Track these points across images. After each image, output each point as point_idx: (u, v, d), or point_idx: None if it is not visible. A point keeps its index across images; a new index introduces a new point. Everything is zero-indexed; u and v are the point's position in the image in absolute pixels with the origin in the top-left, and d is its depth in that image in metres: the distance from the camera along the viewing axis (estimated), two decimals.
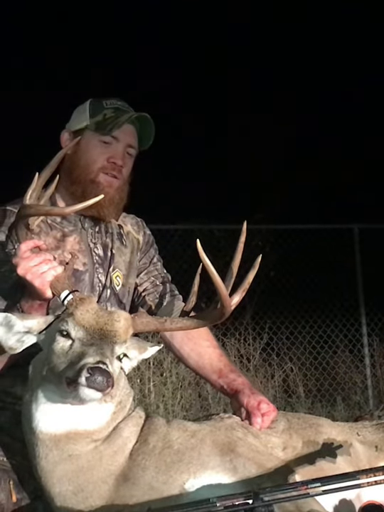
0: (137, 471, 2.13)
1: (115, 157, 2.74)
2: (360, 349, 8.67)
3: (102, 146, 2.75)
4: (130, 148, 2.81)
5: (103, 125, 2.75)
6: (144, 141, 2.88)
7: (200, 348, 2.79)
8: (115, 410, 2.21)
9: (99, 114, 2.77)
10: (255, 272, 2.27)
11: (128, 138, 2.80)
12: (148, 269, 2.95)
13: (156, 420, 2.32)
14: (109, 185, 2.72)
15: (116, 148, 2.76)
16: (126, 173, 2.82)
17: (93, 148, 2.75)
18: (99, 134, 2.75)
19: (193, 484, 2.11)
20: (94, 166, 2.72)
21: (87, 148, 2.75)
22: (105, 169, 2.73)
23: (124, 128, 2.77)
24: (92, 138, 2.76)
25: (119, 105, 2.81)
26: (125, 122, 2.75)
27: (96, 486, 2.11)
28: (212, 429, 2.32)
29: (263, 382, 7.68)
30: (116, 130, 2.74)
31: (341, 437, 2.44)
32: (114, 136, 2.75)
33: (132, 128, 2.82)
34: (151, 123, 2.83)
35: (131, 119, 2.78)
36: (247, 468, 2.16)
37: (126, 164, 2.80)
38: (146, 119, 2.81)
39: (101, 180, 2.72)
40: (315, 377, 8.32)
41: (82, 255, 2.72)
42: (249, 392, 2.54)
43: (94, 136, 2.76)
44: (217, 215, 9.81)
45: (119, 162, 2.75)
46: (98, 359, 1.96)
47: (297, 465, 2.28)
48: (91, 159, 2.73)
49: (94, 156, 2.74)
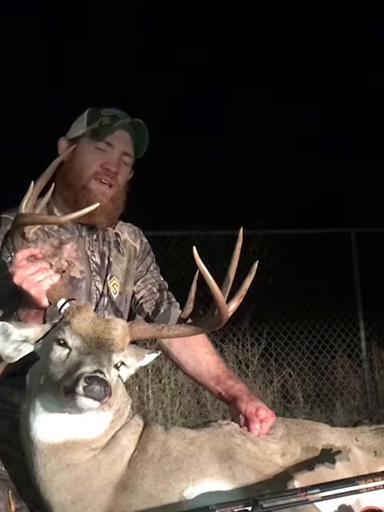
0: (136, 480, 2.13)
1: (109, 163, 2.74)
2: (358, 354, 8.67)
3: (96, 152, 2.75)
4: (126, 156, 2.81)
5: (98, 131, 2.75)
6: (139, 148, 2.88)
7: (198, 354, 2.78)
8: (113, 419, 2.21)
9: (96, 121, 2.78)
10: (252, 278, 2.27)
11: (123, 145, 2.79)
12: (145, 277, 2.95)
13: (155, 428, 2.32)
14: (102, 194, 2.72)
15: (111, 154, 2.76)
16: (122, 181, 2.81)
17: (87, 154, 2.75)
18: (94, 140, 2.75)
19: (192, 492, 2.11)
20: (87, 172, 2.72)
21: (82, 154, 2.75)
22: (98, 175, 2.72)
23: (119, 135, 2.77)
24: (87, 144, 2.77)
25: (116, 113, 2.81)
26: (118, 128, 2.75)
27: (95, 495, 2.10)
28: (211, 436, 2.31)
29: (262, 387, 7.67)
30: (110, 135, 2.74)
31: (340, 443, 2.44)
32: (109, 142, 2.75)
33: (128, 136, 2.82)
34: (145, 129, 2.83)
35: (125, 126, 2.78)
36: (246, 475, 2.16)
37: (121, 172, 2.79)
38: (141, 125, 2.82)
39: (93, 188, 2.71)
40: (313, 383, 8.31)
41: (79, 263, 2.71)
42: (247, 398, 2.54)
43: (90, 142, 2.76)
44: (214, 220, 9.82)
45: (113, 169, 2.74)
46: (95, 368, 1.96)
47: (296, 471, 2.27)
48: (85, 165, 2.73)
49: (88, 161, 2.74)
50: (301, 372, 8.26)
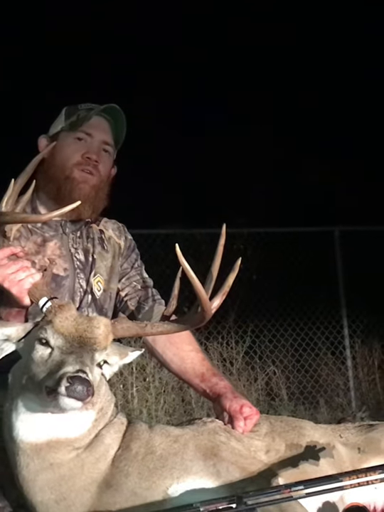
0: (120, 478, 2.12)
1: (89, 152, 2.75)
2: (342, 351, 8.70)
3: (76, 143, 2.76)
4: (106, 145, 2.82)
5: (76, 123, 2.77)
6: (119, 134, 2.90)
7: (183, 352, 2.78)
8: (96, 417, 2.20)
9: (74, 115, 2.81)
10: (235, 275, 2.27)
11: (102, 134, 2.81)
12: (129, 274, 2.94)
13: (139, 426, 2.31)
14: (84, 181, 2.72)
15: (91, 143, 2.77)
16: (104, 171, 2.81)
17: (68, 146, 2.76)
18: (73, 131, 2.77)
19: (176, 489, 2.10)
20: (69, 163, 2.73)
21: (62, 147, 2.76)
22: (80, 165, 2.73)
23: (96, 124, 2.79)
24: (67, 137, 2.78)
25: (93, 106, 2.84)
26: (94, 114, 2.77)
27: (78, 494, 2.09)
28: (195, 434, 2.31)
29: (246, 385, 7.69)
30: (87, 124, 2.76)
31: (324, 440, 2.44)
32: (87, 132, 2.77)
33: (106, 124, 2.84)
34: (122, 114, 2.85)
35: (103, 115, 2.80)
36: (231, 472, 2.16)
37: (102, 161, 2.80)
38: (116, 110, 2.83)
39: (76, 176, 2.71)
40: (298, 380, 8.34)
41: (62, 260, 2.70)
42: (231, 395, 2.53)
43: (69, 134, 2.78)
44: (198, 219, 9.83)
45: (94, 157, 2.75)
46: (78, 368, 1.95)
47: (280, 468, 2.27)
48: (66, 157, 2.74)
49: (68, 153, 2.74)
50: (285, 370, 8.29)
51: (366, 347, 8.56)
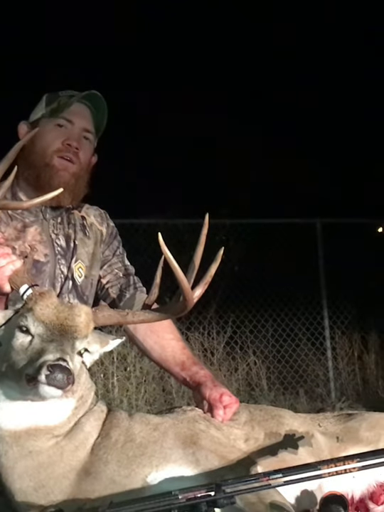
0: (99, 466, 2.12)
1: (70, 139, 2.73)
2: (322, 342, 8.76)
3: (56, 129, 2.75)
4: (86, 133, 2.81)
5: (57, 110, 2.75)
6: (100, 121, 2.88)
7: (163, 340, 2.78)
8: (76, 405, 2.20)
9: (54, 102, 2.79)
10: (217, 265, 2.27)
11: (83, 121, 2.80)
12: (111, 262, 2.93)
13: (118, 414, 2.31)
14: (64, 169, 2.70)
15: (72, 130, 2.76)
16: (84, 158, 2.80)
17: (48, 132, 2.74)
18: (54, 118, 2.75)
19: (155, 477, 2.11)
20: (49, 150, 2.71)
21: (43, 133, 2.73)
22: (60, 152, 2.71)
23: (77, 111, 2.77)
24: (47, 124, 2.76)
25: (74, 93, 2.82)
26: (75, 101, 2.76)
27: (57, 481, 2.09)
28: (175, 422, 2.31)
29: (227, 375, 7.72)
30: (67, 110, 2.74)
31: (303, 428, 2.46)
32: (67, 119, 2.75)
33: (87, 112, 2.82)
34: (103, 101, 2.83)
35: (84, 103, 2.79)
36: (210, 460, 2.17)
37: (83, 148, 2.78)
38: (98, 97, 2.81)
39: (56, 164, 2.70)
40: (278, 370, 8.39)
41: (43, 246, 2.68)
42: (211, 384, 2.54)
43: (49, 121, 2.76)
44: (181, 209, 9.82)
45: (74, 144, 2.73)
46: (58, 356, 1.94)
47: (259, 456, 2.28)
48: (46, 143, 2.72)
49: (49, 139, 2.72)
50: (266, 361, 8.32)
51: (346, 338, 8.61)
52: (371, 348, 8.54)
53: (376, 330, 8.71)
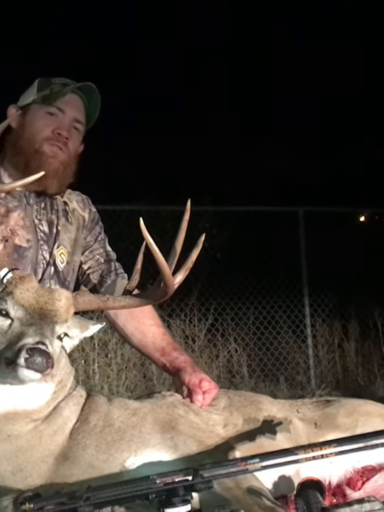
0: (77, 450, 2.12)
1: (60, 128, 2.71)
2: (303, 330, 8.80)
3: (47, 117, 2.72)
4: (77, 123, 2.78)
5: (49, 97, 2.72)
6: (91, 115, 2.86)
7: (144, 326, 2.78)
8: (55, 390, 2.19)
9: (47, 88, 2.75)
10: (199, 251, 2.27)
11: (75, 111, 2.77)
12: (93, 247, 2.92)
13: (98, 399, 2.31)
14: (54, 156, 2.68)
15: (63, 119, 2.73)
16: (73, 148, 2.78)
17: (39, 119, 2.71)
18: (45, 105, 2.72)
19: (133, 462, 2.11)
20: (38, 137, 2.68)
21: (33, 119, 2.71)
22: (50, 140, 2.69)
23: (70, 100, 2.75)
24: (38, 110, 2.73)
25: (67, 81, 2.79)
26: (69, 91, 2.73)
27: (35, 465, 2.08)
28: (154, 407, 2.32)
29: (208, 362, 7.74)
30: (61, 100, 2.71)
31: (281, 414, 2.47)
32: (60, 108, 2.72)
33: (79, 102, 2.79)
34: (97, 93, 2.81)
35: (77, 92, 2.76)
36: (188, 445, 2.17)
37: (73, 138, 2.76)
38: (92, 89, 2.79)
39: (46, 151, 2.67)
40: (259, 358, 8.42)
41: (26, 231, 2.67)
42: (191, 370, 2.55)
43: (41, 108, 2.73)
44: (164, 196, 9.80)
45: (65, 133, 2.71)
46: (37, 339, 1.93)
47: (238, 442, 2.30)
48: (36, 130, 2.69)
49: (39, 126, 2.70)
50: (247, 348, 8.35)
51: (327, 326, 8.66)
52: (351, 336, 8.59)
53: (356, 318, 8.77)
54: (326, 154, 14.27)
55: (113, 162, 12.96)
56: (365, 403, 2.65)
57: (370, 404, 2.63)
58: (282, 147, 14.25)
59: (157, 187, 11.96)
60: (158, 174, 13.27)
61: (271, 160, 14.01)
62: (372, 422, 2.47)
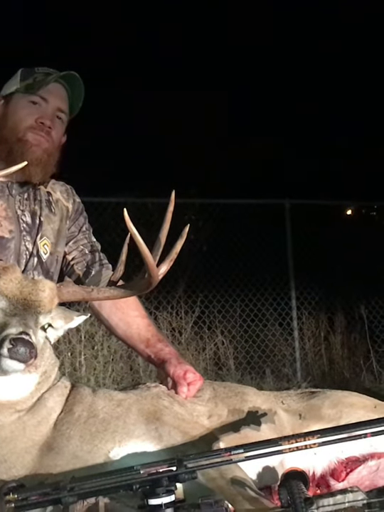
0: (61, 441, 2.11)
1: (44, 117, 2.69)
2: (289, 322, 8.84)
3: (30, 106, 2.70)
4: (60, 113, 2.76)
5: (32, 86, 2.70)
6: (74, 104, 2.85)
7: (129, 317, 2.77)
8: (39, 380, 2.19)
9: (30, 77, 2.73)
10: (183, 242, 2.26)
11: (58, 100, 2.75)
12: (77, 238, 2.90)
13: (82, 390, 2.31)
14: (37, 144, 2.66)
15: (46, 109, 2.71)
16: (56, 137, 2.76)
17: (21, 108, 2.69)
18: (28, 94, 2.70)
19: (117, 453, 2.11)
20: (21, 125, 2.66)
21: (16, 109, 2.69)
22: (33, 129, 2.67)
23: (53, 89, 2.73)
24: (21, 99, 2.71)
25: (50, 71, 2.77)
26: (52, 80, 2.71)
27: (19, 456, 2.08)
28: (139, 398, 2.32)
29: (194, 355, 7.75)
30: (44, 88, 2.69)
31: (266, 405, 2.48)
32: (43, 97, 2.70)
33: (63, 92, 2.78)
34: (81, 82, 2.79)
35: (60, 82, 2.74)
36: (173, 436, 2.17)
37: (56, 127, 2.75)
38: (75, 78, 2.77)
39: (29, 139, 2.65)
40: (245, 350, 8.45)
41: (8, 222, 2.65)
42: (175, 361, 2.55)
43: (24, 97, 2.71)
44: (150, 188, 9.78)
45: (48, 123, 2.69)
46: (21, 330, 1.93)
47: (222, 433, 2.30)
48: (19, 119, 2.67)
49: (22, 115, 2.68)
50: (233, 340, 8.37)
51: (313, 319, 8.69)
52: (337, 329, 8.63)
53: (342, 311, 8.81)
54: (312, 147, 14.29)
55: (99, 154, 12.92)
56: (349, 395, 2.65)
57: (355, 396, 2.64)
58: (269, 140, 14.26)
59: (143, 179, 11.94)
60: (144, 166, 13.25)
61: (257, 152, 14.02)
62: (356, 414, 2.48)
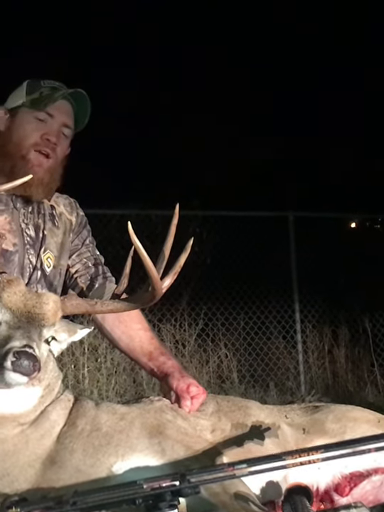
0: (64, 455, 2.11)
1: (49, 134, 2.69)
2: (293, 335, 8.80)
3: (36, 122, 2.70)
4: (65, 128, 2.77)
5: (38, 102, 2.70)
6: (80, 119, 2.85)
7: (131, 330, 2.77)
8: (43, 394, 2.18)
9: (36, 91, 2.73)
10: (187, 255, 2.27)
11: (64, 116, 2.75)
12: (80, 251, 2.91)
13: (85, 403, 2.30)
14: (39, 165, 2.67)
15: (51, 125, 2.71)
16: (60, 154, 2.77)
17: (27, 124, 2.70)
18: (34, 110, 2.70)
19: (120, 467, 2.09)
20: (26, 142, 2.67)
21: (21, 124, 2.70)
22: (38, 146, 2.67)
23: (59, 106, 2.73)
24: (27, 114, 2.71)
25: (56, 85, 2.77)
26: (59, 98, 2.71)
27: (22, 469, 2.07)
28: (142, 412, 2.31)
29: (198, 367, 7.73)
30: (51, 105, 2.69)
31: (270, 420, 2.46)
32: (49, 113, 2.70)
33: (69, 107, 2.78)
34: (87, 100, 2.80)
35: (66, 97, 2.75)
36: (176, 450, 2.16)
37: (61, 144, 2.75)
38: (82, 95, 2.77)
39: (31, 158, 2.66)
40: (249, 363, 8.42)
41: (12, 236, 2.66)
42: (178, 375, 2.55)
43: (29, 112, 2.71)
44: (154, 201, 9.81)
45: (53, 139, 2.70)
46: (25, 343, 1.93)
47: (225, 447, 2.29)
48: (24, 135, 2.68)
49: (27, 131, 2.68)
50: (237, 353, 8.35)
51: (317, 332, 8.67)
52: (341, 342, 8.61)
53: (346, 324, 8.78)
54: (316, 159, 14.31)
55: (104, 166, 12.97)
56: (353, 409, 2.64)
57: (359, 410, 2.63)
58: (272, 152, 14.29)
59: (147, 191, 11.97)
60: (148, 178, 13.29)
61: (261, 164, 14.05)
62: (360, 428, 2.47)
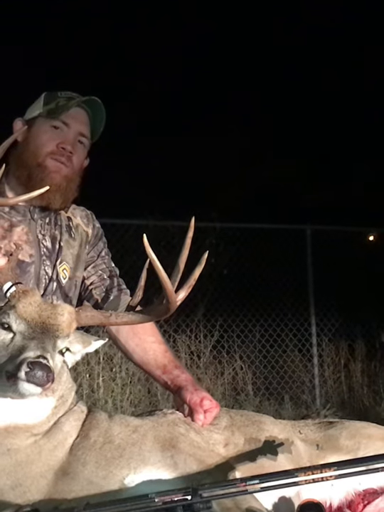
0: (77, 466, 2.11)
1: (65, 143, 2.71)
2: (309, 349, 8.76)
3: (52, 131, 2.72)
4: (82, 137, 2.79)
5: (54, 111, 2.73)
6: (96, 129, 2.87)
7: (145, 343, 2.77)
8: (56, 405, 2.19)
9: (53, 102, 2.76)
10: (201, 268, 2.26)
11: (79, 125, 2.78)
12: (96, 263, 2.92)
13: (98, 415, 2.30)
14: (56, 171, 2.68)
15: (67, 134, 2.74)
16: (77, 163, 2.78)
17: (43, 133, 2.72)
18: (50, 119, 2.73)
19: (132, 479, 2.09)
20: (42, 150, 2.69)
21: (38, 133, 2.72)
22: (54, 154, 2.69)
23: (75, 114, 2.75)
24: (43, 124, 2.74)
25: (73, 95, 2.80)
26: (74, 105, 2.73)
27: (34, 480, 2.07)
28: (155, 425, 2.31)
29: (212, 379, 7.71)
30: (66, 114, 2.72)
31: (283, 435, 2.45)
32: (64, 121, 2.73)
33: (84, 116, 2.80)
34: (102, 108, 2.82)
35: (82, 106, 2.77)
36: (188, 464, 2.16)
37: (77, 152, 2.77)
38: (97, 103, 2.80)
39: (48, 165, 2.68)
40: (264, 376, 8.38)
41: (29, 246, 2.67)
42: (192, 388, 2.54)
43: (46, 121, 2.74)
44: (172, 211, 9.83)
45: (69, 148, 2.71)
46: (39, 353, 1.93)
47: (238, 462, 2.28)
48: (40, 144, 2.70)
49: (43, 140, 2.71)
50: (252, 365, 8.32)
51: (333, 346, 8.62)
52: (357, 356, 8.55)
53: (363, 339, 8.73)
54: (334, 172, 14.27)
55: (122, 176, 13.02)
56: (368, 426, 2.62)
57: (373, 427, 2.61)
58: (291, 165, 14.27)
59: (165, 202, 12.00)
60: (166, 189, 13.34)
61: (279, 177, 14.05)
62: (374, 445, 2.45)
